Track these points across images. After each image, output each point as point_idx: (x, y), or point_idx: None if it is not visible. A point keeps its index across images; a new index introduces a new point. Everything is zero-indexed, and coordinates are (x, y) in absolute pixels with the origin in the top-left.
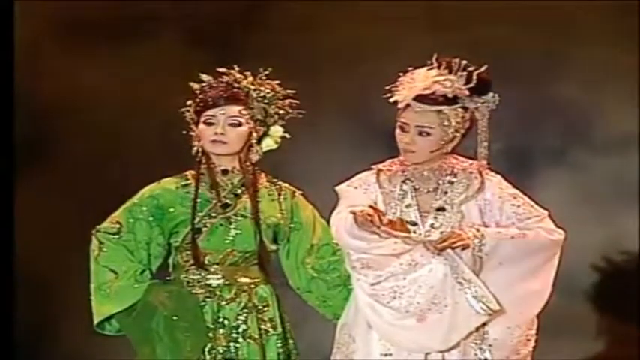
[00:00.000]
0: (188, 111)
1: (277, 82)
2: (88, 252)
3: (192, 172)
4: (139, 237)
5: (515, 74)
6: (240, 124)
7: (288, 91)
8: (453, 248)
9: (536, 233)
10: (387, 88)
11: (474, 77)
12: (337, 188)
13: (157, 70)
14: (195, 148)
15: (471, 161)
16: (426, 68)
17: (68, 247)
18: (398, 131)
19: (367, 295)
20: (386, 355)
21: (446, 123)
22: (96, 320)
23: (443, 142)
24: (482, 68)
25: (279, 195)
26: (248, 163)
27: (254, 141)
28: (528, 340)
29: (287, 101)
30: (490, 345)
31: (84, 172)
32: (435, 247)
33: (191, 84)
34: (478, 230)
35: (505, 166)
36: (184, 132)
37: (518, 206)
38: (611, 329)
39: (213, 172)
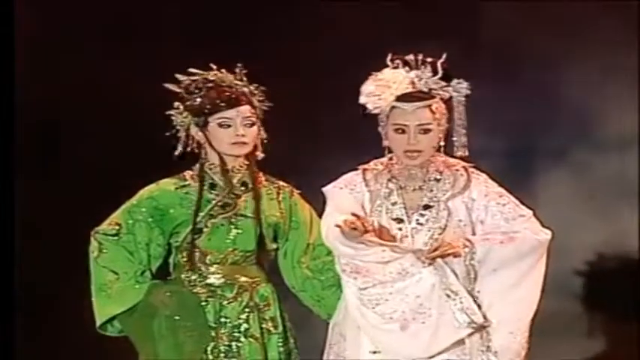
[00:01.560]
0: (180, 113)
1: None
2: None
3: (190, 172)
4: (138, 238)
5: (516, 74)
6: (253, 124)
7: (256, 85)
8: (443, 257)
9: (524, 235)
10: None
11: (439, 67)
12: (324, 189)
13: (158, 69)
14: (187, 149)
15: (457, 159)
16: (389, 69)
17: (69, 248)
18: (393, 135)
19: (355, 298)
20: (375, 352)
21: (438, 116)
22: (98, 322)
23: (440, 136)
24: (442, 58)
25: (278, 194)
26: (247, 162)
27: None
28: (526, 342)
29: (259, 91)
30: (496, 352)
31: (84, 172)
32: (426, 258)
33: (168, 86)
34: (468, 240)
35: (506, 165)
36: (167, 134)
37: (504, 204)
38: (612, 328)
39: (215, 172)
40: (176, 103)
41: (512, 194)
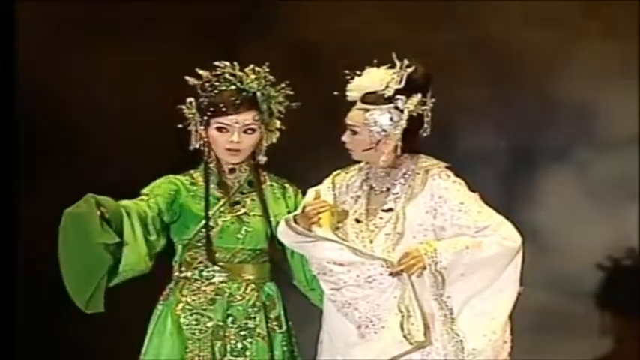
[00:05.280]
0: (189, 108)
1: (266, 70)
2: None
3: (196, 171)
4: (157, 207)
5: (519, 73)
6: (254, 131)
7: (282, 84)
8: (409, 273)
9: (491, 241)
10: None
11: (404, 78)
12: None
13: (159, 69)
14: (197, 146)
15: (429, 163)
16: (373, 69)
17: None
18: None
19: (329, 300)
20: None
21: (370, 123)
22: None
23: (372, 141)
24: (411, 68)
25: (284, 193)
26: (252, 162)
27: (264, 143)
28: (505, 342)
29: (282, 92)
30: (470, 355)
31: (85, 172)
32: (392, 272)
33: (188, 79)
34: (430, 245)
35: (509, 164)
36: (180, 126)
37: (467, 212)
38: (615, 327)
39: (220, 171)
40: (189, 99)
41: (511, 194)
